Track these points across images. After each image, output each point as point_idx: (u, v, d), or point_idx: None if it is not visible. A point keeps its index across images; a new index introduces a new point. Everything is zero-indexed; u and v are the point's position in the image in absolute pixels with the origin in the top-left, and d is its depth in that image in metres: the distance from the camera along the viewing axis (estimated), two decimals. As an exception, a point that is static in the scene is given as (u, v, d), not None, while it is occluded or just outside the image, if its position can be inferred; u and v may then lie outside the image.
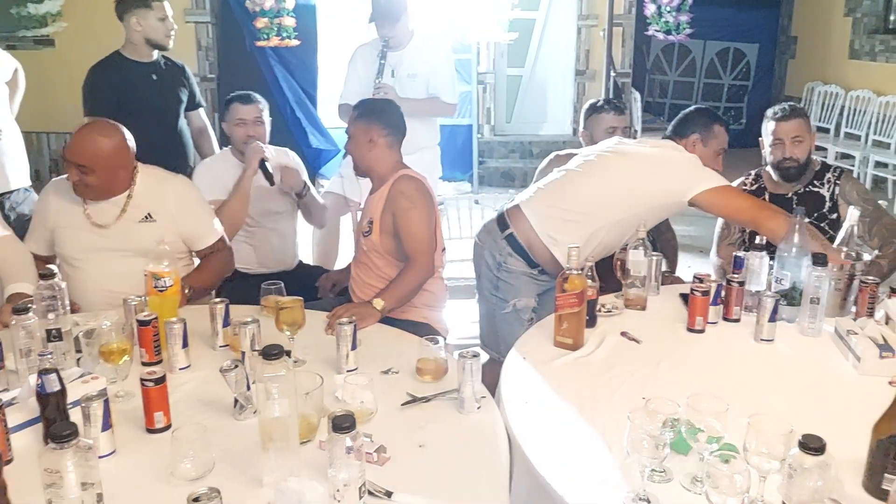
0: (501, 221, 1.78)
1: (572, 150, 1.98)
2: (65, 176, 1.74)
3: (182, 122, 2.46)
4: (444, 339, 1.83)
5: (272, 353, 0.97)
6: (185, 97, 2.45)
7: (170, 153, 1.96)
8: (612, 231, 1.71)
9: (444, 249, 1.84)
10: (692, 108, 1.87)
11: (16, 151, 2.32)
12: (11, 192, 2.31)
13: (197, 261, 1.81)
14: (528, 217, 1.73)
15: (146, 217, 1.67)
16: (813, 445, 0.83)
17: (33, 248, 1.73)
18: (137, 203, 1.67)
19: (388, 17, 2.47)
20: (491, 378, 1.32)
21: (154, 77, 2.36)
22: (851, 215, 1.53)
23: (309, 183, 2.24)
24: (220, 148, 2.64)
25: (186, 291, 1.60)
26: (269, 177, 2.07)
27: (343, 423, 0.85)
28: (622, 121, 2.10)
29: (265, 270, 2.14)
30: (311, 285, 2.04)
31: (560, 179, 1.79)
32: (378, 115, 1.75)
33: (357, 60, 2.64)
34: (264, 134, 2.12)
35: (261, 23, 4.33)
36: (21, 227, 2.23)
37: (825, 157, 4.98)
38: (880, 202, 1.98)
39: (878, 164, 4.84)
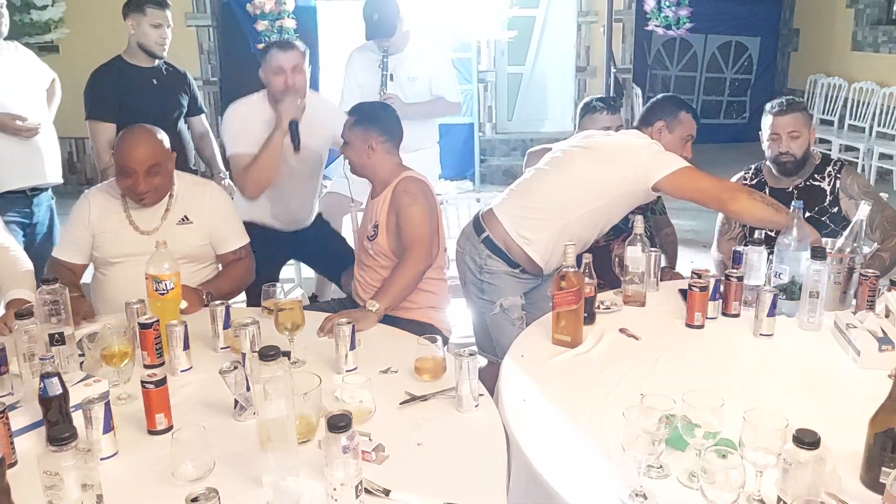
0: (477, 225, 1.79)
1: (546, 146, 1.97)
2: (101, 184, 1.79)
3: (182, 127, 2.48)
4: (448, 338, 1.84)
5: (269, 354, 0.97)
6: (185, 103, 2.47)
7: None
8: (582, 225, 1.70)
9: (445, 249, 1.85)
10: (660, 95, 1.85)
11: (52, 151, 2.39)
12: (41, 189, 2.36)
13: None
14: (500, 219, 1.74)
15: (183, 219, 1.73)
16: (807, 440, 0.83)
17: (67, 256, 1.72)
18: (177, 206, 1.73)
19: (384, 33, 2.48)
20: (490, 381, 1.32)
21: (154, 82, 2.38)
22: (861, 210, 1.52)
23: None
24: (223, 154, 2.66)
25: (205, 297, 1.62)
26: (296, 141, 1.94)
27: (339, 423, 0.86)
28: (616, 120, 2.08)
29: (280, 226, 2.12)
30: (323, 245, 2.02)
31: (529, 179, 1.80)
32: (375, 121, 1.74)
33: (354, 66, 2.64)
34: (304, 85, 2.00)
35: (262, 25, 4.35)
36: (42, 226, 2.34)
37: (829, 150, 4.95)
38: (883, 195, 1.96)
39: (883, 156, 4.80)
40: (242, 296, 2.11)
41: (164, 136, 1.70)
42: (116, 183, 1.69)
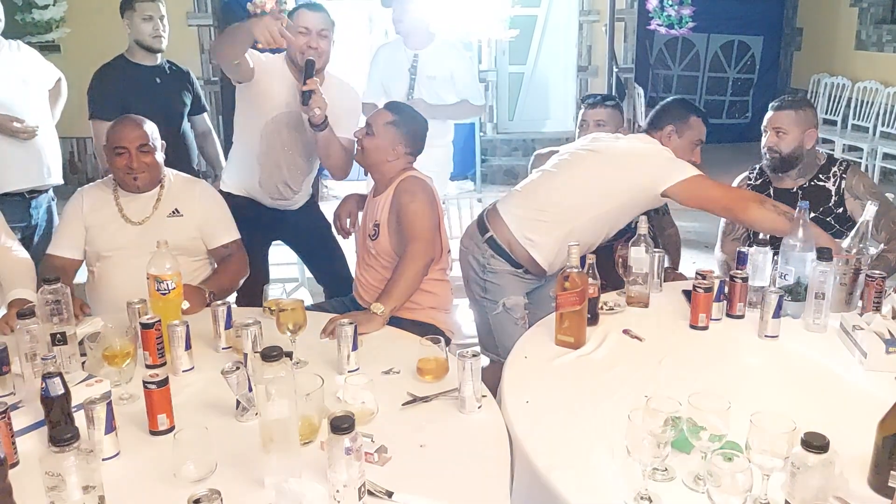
0: (481, 225, 1.78)
1: (553, 148, 1.97)
2: (95, 182, 1.82)
3: (186, 127, 2.47)
4: (450, 339, 1.83)
5: (271, 354, 0.97)
6: (188, 101, 2.47)
7: (173, 157, 1.96)
8: (588, 229, 1.70)
9: (448, 251, 1.84)
10: (669, 98, 1.85)
11: (53, 152, 2.38)
12: (40, 191, 2.35)
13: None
14: (505, 219, 1.73)
15: (174, 212, 1.76)
16: (816, 443, 0.82)
17: (60, 251, 1.74)
18: (167, 198, 1.76)
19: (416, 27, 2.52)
20: (493, 380, 1.32)
21: (157, 80, 2.38)
22: (868, 210, 1.51)
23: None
24: (225, 152, 2.66)
25: (208, 296, 1.63)
26: (306, 95, 1.74)
27: (342, 424, 0.85)
28: (597, 114, 2.08)
29: (264, 199, 2.08)
30: (310, 230, 2.01)
31: (535, 180, 1.79)
32: (411, 134, 1.75)
33: (379, 61, 2.67)
34: (327, 51, 1.89)
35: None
36: (40, 229, 2.32)
37: (832, 150, 4.94)
38: (887, 195, 1.96)
39: (887, 156, 4.78)
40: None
41: (152, 126, 1.75)
42: (111, 168, 1.74)
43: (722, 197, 1.67)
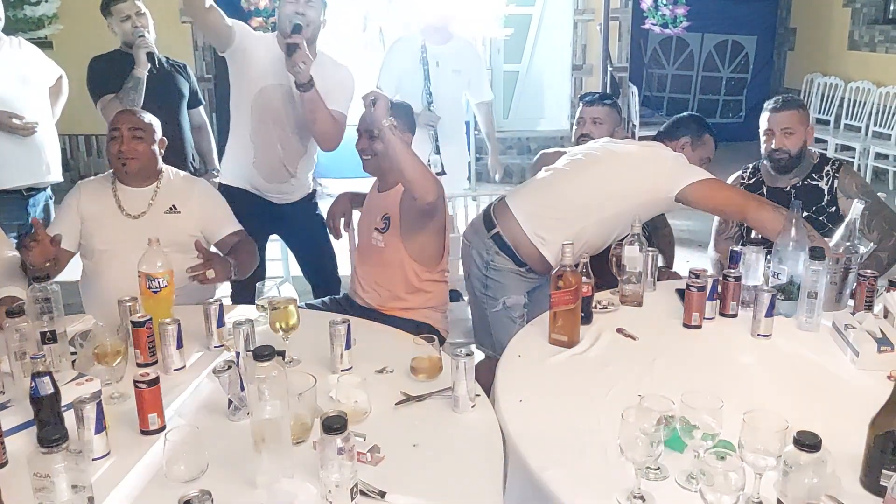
0: (488, 220, 1.78)
1: (560, 149, 2.01)
2: (95, 177, 1.83)
3: (184, 122, 2.45)
4: (444, 338, 1.83)
5: (263, 354, 0.96)
6: (186, 91, 2.46)
7: (169, 148, 1.95)
8: (598, 230, 1.72)
9: (449, 253, 1.84)
10: (685, 114, 1.92)
11: (52, 149, 2.38)
12: (38, 189, 2.34)
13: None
14: (516, 216, 1.73)
15: (172, 208, 1.76)
16: (808, 442, 0.83)
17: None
18: (165, 194, 1.77)
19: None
20: (487, 376, 1.32)
21: (153, 71, 2.37)
22: (855, 208, 1.52)
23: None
24: (219, 148, 2.64)
25: (232, 269, 1.65)
26: (291, 46, 1.79)
27: (334, 425, 0.85)
28: (594, 112, 2.11)
29: (262, 186, 2.08)
30: (306, 226, 2.04)
31: (548, 178, 1.80)
32: (408, 118, 1.78)
33: (395, 51, 2.79)
34: (315, 21, 1.95)
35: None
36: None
37: (825, 149, 4.97)
38: (880, 195, 1.97)
39: (879, 156, 4.82)
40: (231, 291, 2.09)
41: (153, 119, 1.78)
42: (108, 154, 1.76)
43: (735, 199, 1.71)
